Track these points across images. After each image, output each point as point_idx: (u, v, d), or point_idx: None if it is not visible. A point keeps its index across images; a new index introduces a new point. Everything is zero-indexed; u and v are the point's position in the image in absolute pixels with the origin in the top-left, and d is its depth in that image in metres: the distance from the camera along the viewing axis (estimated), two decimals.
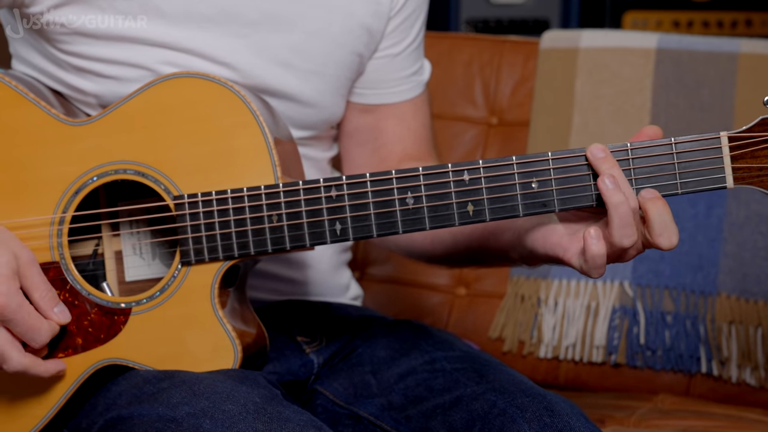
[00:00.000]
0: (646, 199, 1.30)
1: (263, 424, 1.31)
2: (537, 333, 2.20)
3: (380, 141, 1.74)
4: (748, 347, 2.12)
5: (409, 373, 1.55)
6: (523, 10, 3.44)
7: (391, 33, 1.70)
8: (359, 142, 1.75)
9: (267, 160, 1.43)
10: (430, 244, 1.64)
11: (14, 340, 1.40)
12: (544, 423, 1.37)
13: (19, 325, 1.38)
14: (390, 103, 1.74)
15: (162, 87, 1.45)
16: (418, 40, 1.74)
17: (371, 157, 1.75)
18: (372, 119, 1.74)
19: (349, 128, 1.76)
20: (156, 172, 1.44)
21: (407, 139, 1.74)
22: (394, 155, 1.74)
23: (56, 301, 1.43)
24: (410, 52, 1.73)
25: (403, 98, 1.74)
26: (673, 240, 1.30)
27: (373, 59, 1.70)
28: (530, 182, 1.35)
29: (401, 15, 1.69)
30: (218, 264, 1.43)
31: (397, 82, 1.73)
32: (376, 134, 1.74)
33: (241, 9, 1.55)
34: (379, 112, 1.74)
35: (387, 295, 2.31)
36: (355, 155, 1.76)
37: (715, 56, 2.22)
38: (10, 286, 1.38)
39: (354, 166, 1.76)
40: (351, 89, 1.72)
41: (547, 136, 2.27)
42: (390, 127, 1.74)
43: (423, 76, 1.77)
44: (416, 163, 1.72)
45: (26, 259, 1.41)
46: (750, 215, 2.15)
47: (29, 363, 1.41)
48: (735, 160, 1.31)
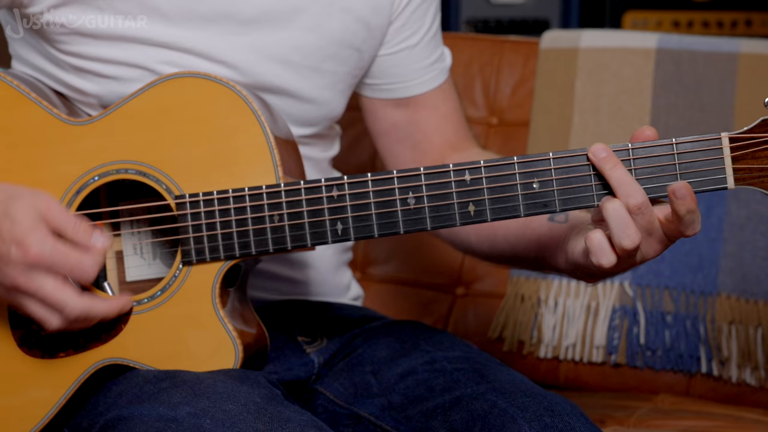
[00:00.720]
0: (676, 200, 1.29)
1: (264, 424, 1.31)
2: (537, 333, 2.21)
3: (419, 135, 1.75)
4: (748, 347, 2.12)
5: (410, 373, 1.55)
6: (523, 10, 3.44)
7: (404, 25, 1.70)
8: (398, 140, 1.76)
9: (268, 159, 1.43)
10: (488, 249, 1.66)
11: (64, 285, 1.35)
12: (545, 423, 1.37)
13: (61, 267, 1.35)
14: (419, 94, 1.74)
15: (163, 87, 1.45)
16: (434, 27, 1.75)
17: (413, 152, 1.76)
18: (405, 114, 1.75)
19: (385, 126, 1.76)
20: (157, 171, 1.44)
21: (443, 126, 1.75)
22: (435, 147, 1.75)
23: (90, 231, 1.37)
24: (428, 41, 1.74)
25: (430, 87, 1.75)
26: (697, 227, 1.31)
27: (392, 53, 1.71)
28: (531, 182, 1.35)
29: (411, 5, 1.70)
30: (219, 264, 1.44)
31: (421, 72, 1.74)
32: (413, 128, 1.75)
33: (238, 7, 1.55)
34: (411, 105, 1.75)
35: (387, 295, 2.31)
36: (397, 153, 1.77)
37: (715, 56, 2.22)
38: (37, 233, 1.34)
39: (399, 163, 1.77)
40: (375, 86, 1.73)
41: (547, 136, 2.27)
42: (424, 118, 1.74)
43: (445, 63, 1.78)
44: (459, 153, 1.74)
45: (45, 204, 1.37)
46: (750, 215, 2.15)
47: (88, 303, 1.37)
48: (736, 161, 1.31)
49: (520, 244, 1.56)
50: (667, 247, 1.35)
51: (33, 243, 1.33)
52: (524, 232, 1.55)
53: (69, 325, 1.38)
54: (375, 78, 1.74)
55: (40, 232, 1.34)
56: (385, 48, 1.71)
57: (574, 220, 1.46)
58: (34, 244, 1.33)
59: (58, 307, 1.35)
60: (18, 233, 1.34)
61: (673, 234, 1.33)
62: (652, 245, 1.33)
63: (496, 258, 1.67)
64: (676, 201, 1.29)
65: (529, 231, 1.54)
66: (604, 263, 1.32)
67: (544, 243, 1.51)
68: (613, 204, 1.30)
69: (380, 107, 1.75)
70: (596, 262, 1.32)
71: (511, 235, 1.58)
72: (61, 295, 1.35)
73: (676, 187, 1.29)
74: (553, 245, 1.48)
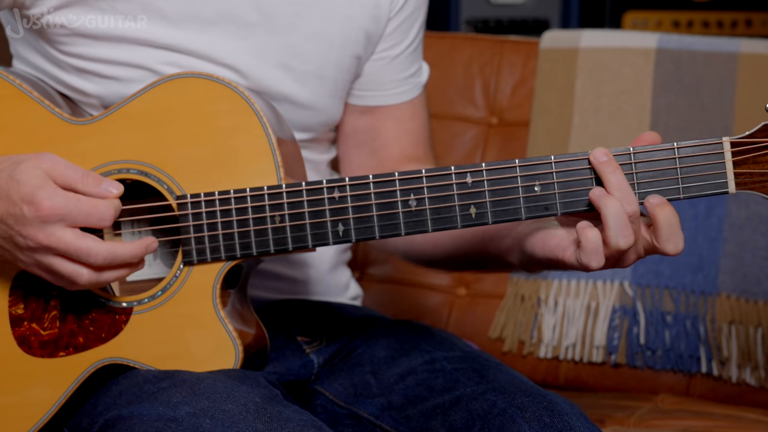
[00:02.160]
0: (654, 205, 1.30)
1: (263, 424, 1.31)
2: (537, 333, 2.21)
3: (378, 142, 1.74)
4: (748, 347, 2.12)
5: (409, 373, 1.55)
6: (523, 10, 3.44)
7: (389, 35, 1.70)
8: (357, 144, 1.75)
9: (270, 160, 1.43)
10: (431, 248, 1.63)
11: (85, 234, 1.35)
12: (544, 423, 1.37)
13: (76, 215, 1.34)
14: (388, 105, 1.74)
15: (165, 87, 1.45)
16: (416, 42, 1.74)
17: (369, 158, 1.75)
18: (370, 120, 1.74)
19: (347, 129, 1.76)
20: (159, 171, 1.44)
21: (405, 140, 1.75)
22: (392, 156, 1.74)
23: (99, 179, 1.38)
24: (408, 54, 1.73)
25: (401, 100, 1.74)
26: (679, 246, 1.30)
27: (370, 61, 1.70)
28: (533, 185, 1.35)
29: (400, 16, 1.69)
30: (220, 264, 1.44)
31: (395, 84, 1.73)
32: (374, 135, 1.74)
33: (240, 11, 1.55)
34: (378, 114, 1.74)
35: (387, 295, 2.31)
36: (353, 156, 1.76)
37: (715, 56, 2.22)
38: (46, 189, 1.34)
39: (352, 167, 1.76)
40: (349, 91, 1.72)
41: (547, 137, 2.27)
42: (388, 129, 1.74)
43: (421, 78, 1.77)
44: (414, 164, 1.72)
45: (50, 161, 1.37)
46: (750, 215, 2.15)
47: (111, 247, 1.36)
48: (737, 166, 1.31)
49: (464, 235, 1.54)
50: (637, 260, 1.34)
51: (44, 198, 1.33)
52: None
53: (98, 277, 1.37)
54: None
55: (49, 187, 1.34)
56: None
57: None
58: (45, 198, 1.33)
59: (83, 254, 1.34)
60: (27, 192, 1.34)
61: (650, 249, 1.33)
62: (629, 255, 1.33)
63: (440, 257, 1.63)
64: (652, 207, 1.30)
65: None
66: (594, 265, 1.31)
67: (489, 232, 1.49)
68: (613, 202, 1.30)
69: (346, 111, 1.74)
70: (586, 261, 1.31)
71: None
72: (83, 242, 1.34)
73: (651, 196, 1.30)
74: (498, 235, 1.47)
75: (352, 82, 1.70)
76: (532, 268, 1.43)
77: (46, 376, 1.46)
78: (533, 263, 1.41)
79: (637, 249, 1.33)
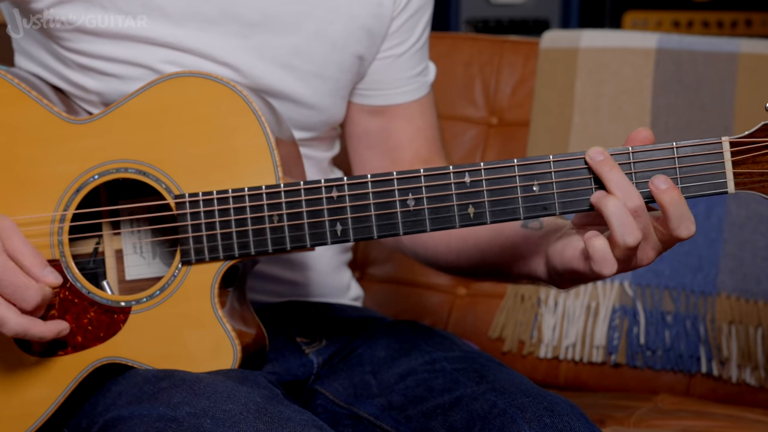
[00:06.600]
0: (660, 191, 1.28)
1: (264, 424, 1.31)
2: (537, 333, 2.21)
3: (391, 143, 1.73)
4: (748, 347, 2.12)
5: (409, 374, 1.55)
6: (523, 10, 3.44)
7: (394, 33, 1.69)
8: (369, 145, 1.75)
9: (268, 160, 1.43)
10: (455, 259, 1.62)
11: (8, 303, 1.38)
12: (545, 423, 1.37)
13: (6, 286, 1.37)
14: (397, 104, 1.73)
15: (164, 86, 1.45)
16: (422, 40, 1.74)
17: (383, 159, 1.74)
18: (381, 121, 1.74)
19: (358, 131, 1.75)
20: (157, 171, 1.44)
21: (417, 139, 1.74)
22: (406, 157, 1.73)
23: (44, 264, 1.41)
24: (414, 53, 1.73)
25: (409, 99, 1.74)
26: (691, 229, 1.29)
27: (376, 60, 1.70)
28: (531, 185, 1.34)
29: (404, 15, 1.69)
30: (218, 264, 1.43)
31: (402, 82, 1.73)
32: (386, 136, 1.74)
33: (241, 9, 1.55)
34: (388, 114, 1.74)
35: (387, 295, 2.31)
36: (366, 158, 1.75)
37: (715, 56, 2.22)
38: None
39: (365, 169, 1.75)
40: (354, 91, 1.72)
41: (547, 136, 2.27)
42: (399, 129, 1.73)
43: (428, 77, 1.77)
44: (427, 165, 1.71)
45: (7, 227, 1.40)
46: (750, 215, 2.15)
47: (27, 323, 1.38)
48: (736, 165, 1.31)
49: (492, 251, 1.53)
50: (659, 254, 1.33)
51: None
52: (496, 240, 1.51)
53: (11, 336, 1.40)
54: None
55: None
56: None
57: (550, 226, 1.43)
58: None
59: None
60: None
61: (666, 239, 1.31)
62: (646, 251, 1.31)
63: (463, 267, 1.62)
64: (659, 193, 1.28)
65: (502, 239, 1.50)
66: (607, 272, 1.29)
67: (519, 251, 1.47)
68: (613, 201, 1.29)
69: (355, 111, 1.74)
70: (598, 270, 1.29)
71: (482, 242, 1.55)
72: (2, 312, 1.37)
73: (656, 177, 1.28)
74: (528, 253, 1.45)
75: (354, 81, 1.70)
76: (562, 284, 1.41)
77: (44, 376, 1.46)
78: (560, 278, 1.39)
79: (654, 243, 1.31)
